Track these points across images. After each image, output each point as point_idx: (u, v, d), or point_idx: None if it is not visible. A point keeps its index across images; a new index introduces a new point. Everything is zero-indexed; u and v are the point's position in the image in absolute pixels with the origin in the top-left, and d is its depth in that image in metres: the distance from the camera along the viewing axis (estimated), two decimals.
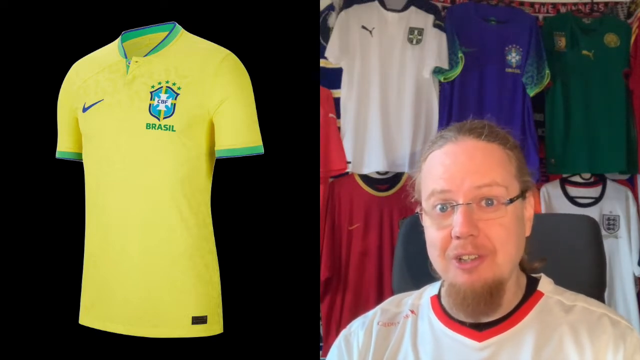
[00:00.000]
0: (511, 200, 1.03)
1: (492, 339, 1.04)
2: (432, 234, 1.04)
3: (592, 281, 1.29)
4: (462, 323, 1.07)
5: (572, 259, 1.30)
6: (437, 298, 1.13)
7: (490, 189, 1.02)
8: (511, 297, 1.07)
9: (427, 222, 1.06)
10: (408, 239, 1.37)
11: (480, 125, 1.07)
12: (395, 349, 1.10)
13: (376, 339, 1.11)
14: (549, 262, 1.14)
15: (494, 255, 1.01)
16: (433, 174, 1.05)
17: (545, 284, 1.11)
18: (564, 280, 1.14)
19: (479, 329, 1.05)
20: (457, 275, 1.02)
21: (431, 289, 1.16)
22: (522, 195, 1.06)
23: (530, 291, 1.09)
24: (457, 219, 1.00)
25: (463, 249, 1.01)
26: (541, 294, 1.09)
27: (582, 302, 1.08)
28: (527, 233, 1.08)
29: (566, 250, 1.31)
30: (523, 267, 1.11)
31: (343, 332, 1.16)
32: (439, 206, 1.03)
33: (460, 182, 1.02)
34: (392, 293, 1.29)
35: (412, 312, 1.13)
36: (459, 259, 1.01)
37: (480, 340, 1.05)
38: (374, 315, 1.15)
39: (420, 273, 1.19)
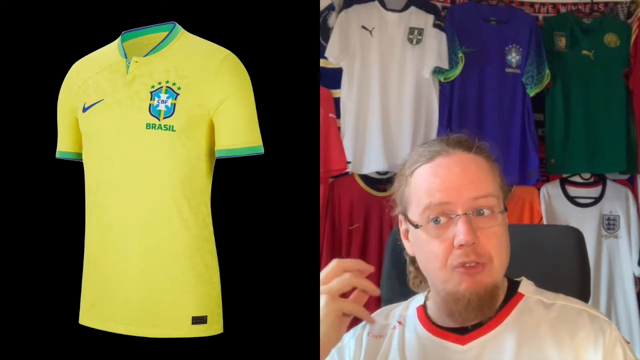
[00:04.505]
0: (506, 209, 1.07)
1: (474, 341, 1.07)
2: (432, 247, 1.06)
3: (577, 290, 1.30)
4: (445, 329, 1.10)
5: (557, 270, 1.32)
6: (422, 308, 1.16)
7: (486, 199, 1.05)
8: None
9: (421, 236, 1.07)
10: (396, 249, 1.38)
11: (465, 139, 1.10)
12: (383, 359, 1.12)
13: (366, 350, 1.14)
14: (534, 272, 1.17)
15: (491, 262, 1.04)
16: (426, 187, 1.06)
17: (526, 285, 1.14)
18: (549, 290, 1.15)
19: (462, 333, 1.08)
20: (461, 281, 1.04)
21: (418, 300, 1.19)
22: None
23: (512, 293, 1.12)
24: (460, 229, 1.02)
25: (466, 257, 1.03)
26: (522, 295, 1.12)
27: (562, 300, 1.11)
28: None
29: (551, 260, 1.32)
30: None
31: (337, 345, 1.17)
32: (433, 219, 1.04)
33: (459, 193, 1.04)
34: None
35: (399, 323, 1.16)
36: (463, 266, 1.03)
37: (463, 343, 1.08)
38: (363, 327, 1.18)
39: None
